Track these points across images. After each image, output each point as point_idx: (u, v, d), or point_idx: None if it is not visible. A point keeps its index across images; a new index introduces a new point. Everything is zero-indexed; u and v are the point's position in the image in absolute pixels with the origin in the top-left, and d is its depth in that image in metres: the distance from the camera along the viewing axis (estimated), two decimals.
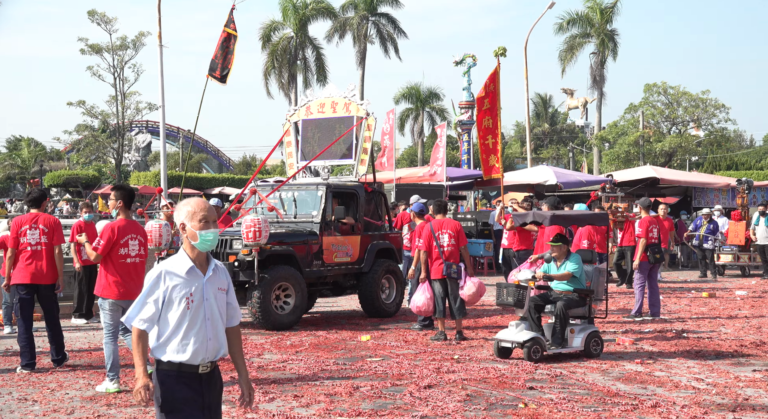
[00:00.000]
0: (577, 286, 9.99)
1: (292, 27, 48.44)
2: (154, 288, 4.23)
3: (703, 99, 50.88)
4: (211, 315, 4.31)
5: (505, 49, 15.99)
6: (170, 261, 4.30)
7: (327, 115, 14.37)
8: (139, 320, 4.24)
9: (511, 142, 76.13)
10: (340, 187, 13.33)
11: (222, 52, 16.62)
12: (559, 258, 10.14)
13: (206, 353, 4.28)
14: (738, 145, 69.36)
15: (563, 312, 9.73)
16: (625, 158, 49.57)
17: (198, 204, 4.34)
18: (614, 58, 50.01)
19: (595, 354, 9.72)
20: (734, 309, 14.62)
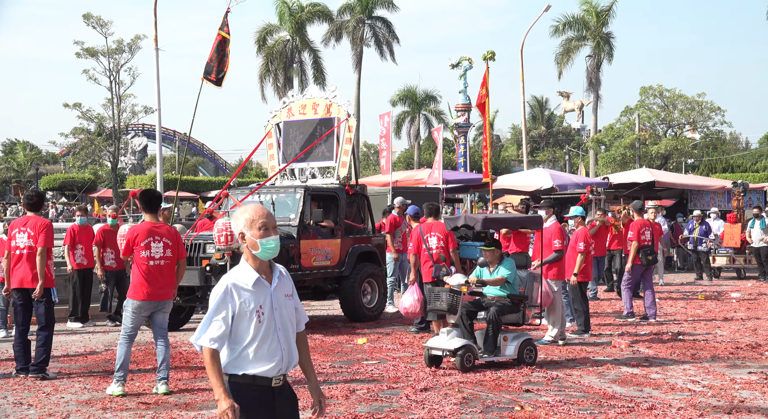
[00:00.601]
0: (511, 292, 9.68)
1: (288, 30, 48.46)
2: (222, 305, 4.00)
3: (699, 101, 50.97)
4: (282, 326, 4.10)
5: (494, 53, 16.00)
6: (235, 274, 4.08)
7: (308, 116, 14.19)
8: (207, 339, 4.00)
9: (508, 145, 76.25)
10: (320, 189, 13.14)
11: (217, 55, 16.60)
12: (493, 262, 9.79)
13: (280, 365, 4.07)
14: (734, 148, 69.45)
15: (496, 318, 9.40)
16: (621, 161, 49.63)
17: (256, 210, 4.12)
18: (610, 61, 50.15)
19: (528, 362, 9.35)
20: (730, 311, 14.64)
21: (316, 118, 14.09)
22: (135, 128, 64.65)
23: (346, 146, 13.65)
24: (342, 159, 13.66)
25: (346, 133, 13.66)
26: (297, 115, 14.32)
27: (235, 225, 4.14)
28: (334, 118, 13.84)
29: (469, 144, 39.43)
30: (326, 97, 14.11)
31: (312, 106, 14.19)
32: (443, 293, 9.43)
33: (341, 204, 13.17)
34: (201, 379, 8.81)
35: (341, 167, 13.68)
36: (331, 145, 13.82)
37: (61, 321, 13.02)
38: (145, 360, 9.84)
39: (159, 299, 8.17)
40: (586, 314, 11.78)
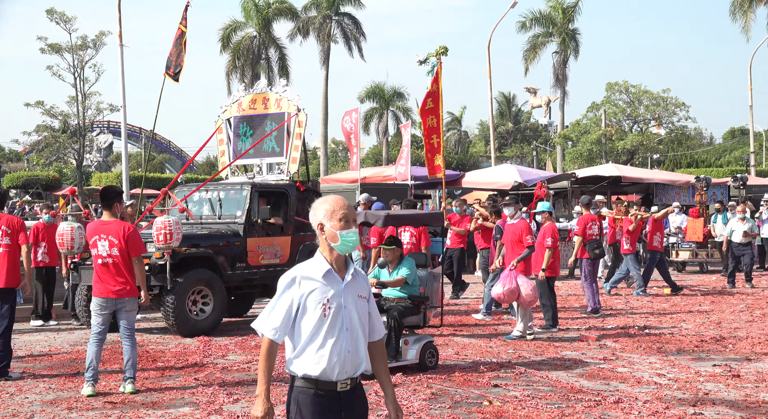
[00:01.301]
0: (411, 293, 9.24)
1: (255, 26, 48.21)
2: (287, 293, 3.82)
3: (664, 97, 51.52)
4: (350, 325, 3.85)
5: (447, 48, 15.88)
6: (306, 265, 3.91)
7: (258, 111, 13.92)
8: (269, 328, 3.80)
9: (476, 141, 76.50)
10: (268, 186, 12.92)
11: (176, 49, 16.44)
12: (393, 262, 9.32)
13: (345, 367, 3.80)
14: (698, 143, 70.34)
15: (397, 321, 8.90)
16: (587, 156, 50.04)
17: (337, 201, 3.93)
18: (576, 57, 50.48)
19: (430, 367, 8.95)
20: (695, 305, 14.81)
21: (266, 113, 13.84)
22: (100, 125, 63.94)
23: (296, 142, 13.36)
24: (292, 154, 13.39)
25: (296, 128, 13.38)
26: (247, 110, 14.05)
27: (313, 216, 3.95)
28: (284, 112, 13.58)
29: None
30: (276, 92, 13.87)
31: (262, 100, 13.95)
32: None
33: (291, 200, 12.91)
34: (168, 378, 8.73)
35: (291, 163, 13.41)
36: (281, 140, 13.58)
37: (24, 321, 12.85)
38: (111, 359, 9.74)
39: (114, 297, 8.01)
40: (553, 309, 11.86)
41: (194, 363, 9.51)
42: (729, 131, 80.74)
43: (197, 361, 9.64)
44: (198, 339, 11.18)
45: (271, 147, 13.70)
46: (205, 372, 8.98)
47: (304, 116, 13.38)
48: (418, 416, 7.03)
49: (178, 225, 10.86)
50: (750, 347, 10.39)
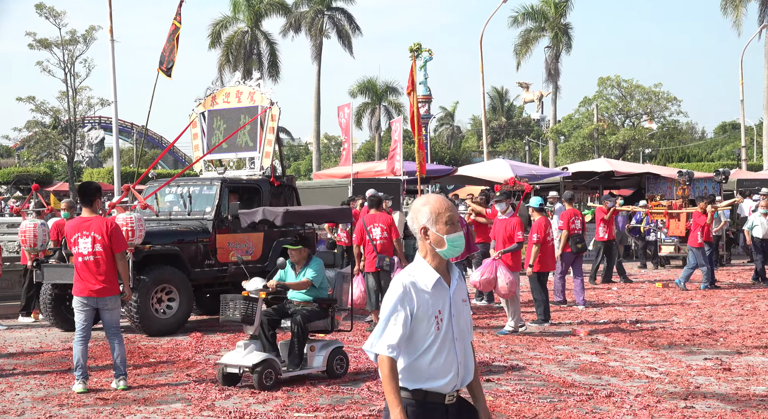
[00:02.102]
0: (318, 296, 8.63)
1: (247, 22, 48.09)
2: (400, 307, 3.54)
3: (656, 92, 51.53)
4: (459, 335, 3.66)
5: (420, 45, 15.88)
6: (413, 274, 3.62)
7: (232, 104, 13.68)
8: (385, 346, 3.53)
9: (468, 136, 76.53)
10: (239, 181, 12.71)
11: (169, 44, 16.38)
12: (299, 263, 8.67)
13: (456, 380, 3.63)
14: (690, 138, 70.48)
15: (301, 326, 8.33)
16: (580, 151, 50.05)
17: (441, 202, 3.66)
18: (568, 52, 50.54)
19: (338, 374, 8.41)
20: (686, 299, 14.85)
21: (240, 107, 13.62)
22: (91, 121, 63.73)
23: (269, 136, 13.09)
24: (265, 149, 13.14)
25: (270, 121, 13.13)
26: (221, 103, 13.83)
27: (414, 219, 3.67)
28: (257, 106, 13.31)
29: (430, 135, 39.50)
30: (249, 85, 13.68)
31: (236, 94, 13.72)
32: (236, 301, 8.20)
33: (264, 196, 12.66)
34: (160, 374, 8.71)
35: (264, 157, 13.16)
36: (254, 134, 13.33)
37: (14, 317, 12.81)
38: (103, 355, 9.71)
39: (96, 295, 7.92)
40: (545, 303, 11.89)
41: (186, 359, 9.49)
42: (720, 125, 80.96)
43: (189, 357, 9.63)
44: (190, 335, 11.15)
45: (245, 141, 13.47)
46: (197, 369, 8.96)
47: (278, 110, 13.15)
48: None
49: (141, 222, 10.60)
50: (741, 341, 10.42)
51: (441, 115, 73.30)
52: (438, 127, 74.31)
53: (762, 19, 41.20)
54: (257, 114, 13.27)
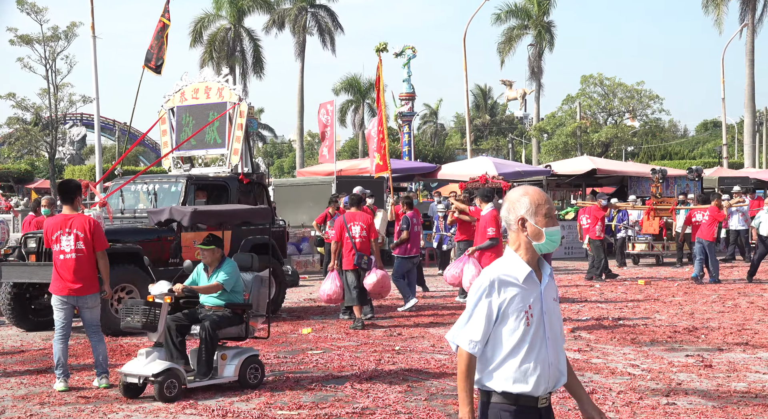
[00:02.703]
0: (231, 300, 8.10)
1: (229, 18, 47.93)
2: (484, 300, 3.39)
3: (638, 90, 51.88)
4: (552, 334, 3.48)
5: (386, 44, 15.82)
6: (502, 267, 3.47)
7: (201, 100, 13.45)
8: (467, 340, 3.39)
9: (452, 134, 76.66)
10: (205, 178, 12.54)
11: (157, 41, 16.28)
12: (212, 265, 8.14)
13: (548, 382, 3.45)
14: (672, 135, 70.92)
15: (210, 333, 7.78)
16: (563, 149, 50.29)
17: (539, 194, 3.51)
18: (551, 50, 50.71)
19: (252, 384, 7.87)
20: (668, 296, 14.94)
21: (208, 103, 13.41)
22: (73, 118, 63.33)
23: (237, 132, 12.94)
24: (234, 146, 12.95)
25: (238, 118, 12.95)
26: (190, 99, 13.63)
27: (511, 210, 3.52)
28: (225, 102, 13.13)
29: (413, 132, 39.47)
30: (218, 81, 13.46)
31: (204, 89, 13.50)
32: (138, 306, 7.63)
33: (232, 193, 12.48)
34: None
35: (233, 155, 12.96)
36: (223, 131, 13.15)
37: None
38: (84, 353, 9.65)
39: (76, 294, 7.87)
40: None
41: None
42: (702, 123, 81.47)
43: None
44: None
45: (213, 138, 13.28)
46: None
47: (246, 106, 12.99)
48: (394, 408, 7.03)
49: (99, 220, 10.29)
50: (722, 337, 10.50)
51: (425, 112, 73.35)
52: (422, 124, 74.38)
53: (743, 17, 41.51)
54: (225, 110, 13.07)
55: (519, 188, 3.58)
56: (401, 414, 6.87)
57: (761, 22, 41.89)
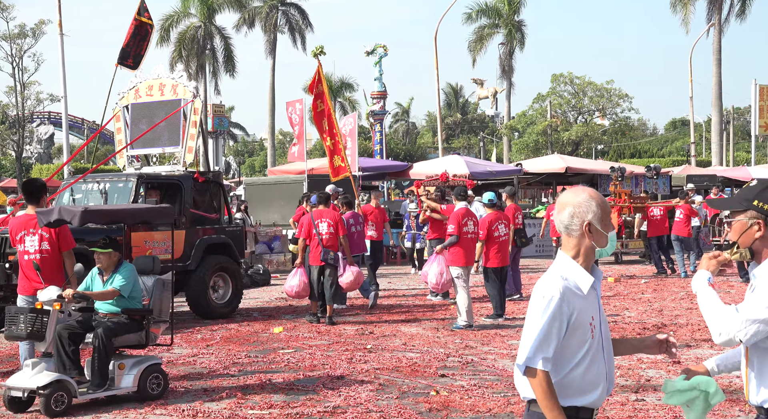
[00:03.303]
0: (128, 306, 7.59)
1: (199, 16, 47.62)
2: (557, 314, 3.20)
3: (608, 89, 52.28)
4: (606, 342, 3.37)
5: (323, 47, 15.70)
6: (567, 276, 3.28)
7: (155, 98, 13.19)
8: (542, 360, 3.19)
9: (423, 132, 76.74)
10: (157, 177, 12.32)
11: (134, 40, 16.11)
12: (108, 269, 7.63)
13: (605, 393, 3.35)
14: (641, 134, 71.52)
15: (103, 341, 7.26)
16: (534, 147, 50.56)
17: (602, 198, 3.36)
18: (522, 49, 51.01)
19: (153, 395, 7.41)
20: (637, 293, 15.08)
21: (162, 100, 13.18)
22: (41, 116, 62.62)
23: (191, 130, 12.67)
24: (188, 144, 12.68)
25: (192, 115, 12.68)
26: (144, 96, 13.38)
27: (575, 214, 3.32)
28: (179, 99, 12.87)
29: (385, 131, 39.52)
30: (172, 77, 13.25)
31: (159, 86, 13.26)
32: (23, 314, 7.14)
33: (186, 192, 12.26)
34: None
35: (187, 153, 12.72)
36: (177, 128, 12.89)
37: None
38: None
39: (24, 294, 7.77)
40: (498, 298, 11.97)
41: None
42: (671, 122, 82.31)
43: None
44: None
45: (168, 136, 13.04)
46: None
47: (200, 103, 12.79)
48: (366, 407, 7.03)
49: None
50: (690, 334, 10.61)
51: (396, 111, 73.40)
52: (393, 123, 74.41)
53: (710, 17, 41.98)
54: (179, 107, 12.85)
55: (578, 190, 3.39)
56: (373, 412, 6.87)
57: (728, 22, 42.45)
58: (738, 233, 3.48)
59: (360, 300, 14.29)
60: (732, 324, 3.31)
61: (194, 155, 12.86)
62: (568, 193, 3.40)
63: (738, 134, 66.51)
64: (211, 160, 48.47)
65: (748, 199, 3.46)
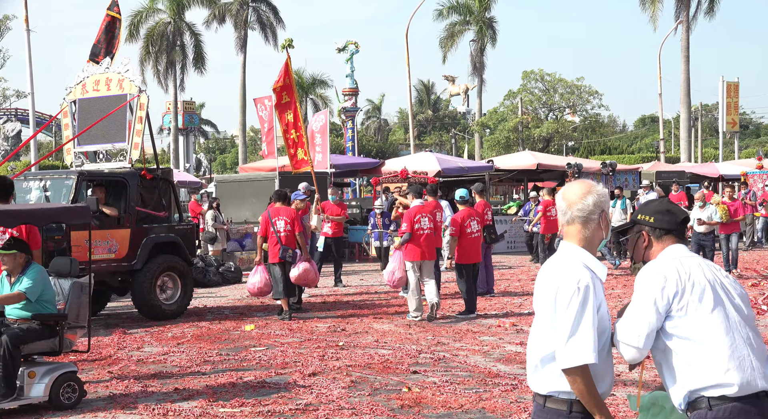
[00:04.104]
0: (38, 310, 7.17)
1: (169, 12, 47.21)
2: (591, 307, 3.22)
3: (578, 86, 52.54)
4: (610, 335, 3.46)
5: (292, 40, 15.68)
6: (589, 265, 3.32)
7: (102, 93, 12.87)
8: (589, 355, 3.19)
9: (395, 129, 76.79)
10: (99, 174, 12.01)
11: (105, 36, 15.91)
12: (14, 271, 7.19)
13: (612, 384, 3.45)
14: (611, 131, 72.10)
15: (9, 349, 6.85)
16: (505, 144, 50.71)
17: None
18: (493, 46, 51.05)
19: (67, 405, 7.05)
20: (608, 289, 15.19)
21: (109, 95, 12.87)
22: (7, 113, 61.85)
23: (138, 126, 12.33)
24: (134, 140, 12.34)
25: (138, 110, 12.33)
26: (91, 91, 13.08)
27: (597, 203, 3.38)
28: (125, 94, 12.53)
29: (357, 128, 39.50)
30: (118, 72, 12.92)
31: (105, 81, 12.98)
32: None
33: (131, 190, 11.95)
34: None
35: (133, 149, 12.35)
36: (123, 124, 12.61)
37: None
38: None
39: None
40: (469, 295, 12.01)
41: (108, 356, 9.30)
42: (640, 119, 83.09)
43: (112, 354, 9.43)
44: (113, 332, 10.93)
45: (114, 132, 12.74)
46: (119, 365, 8.78)
47: (146, 98, 12.45)
48: (338, 404, 7.02)
49: None
50: None
51: (368, 107, 73.39)
52: (365, 119, 74.41)
53: (678, 14, 42.34)
54: (125, 102, 12.54)
55: (589, 181, 3.51)
56: (345, 409, 6.86)
57: (695, 20, 42.82)
58: (632, 248, 3.61)
59: (333, 297, 14.28)
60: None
61: (141, 151, 12.47)
62: (583, 183, 3.46)
63: (706, 131, 67.26)
64: (182, 157, 48.16)
65: (634, 216, 3.62)
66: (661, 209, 3.54)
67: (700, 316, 3.28)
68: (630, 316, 3.35)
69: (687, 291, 3.30)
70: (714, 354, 3.25)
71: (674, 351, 3.33)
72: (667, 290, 3.30)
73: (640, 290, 3.36)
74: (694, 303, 3.29)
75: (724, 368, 3.23)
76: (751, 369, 3.25)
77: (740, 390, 3.22)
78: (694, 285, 3.32)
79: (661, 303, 3.30)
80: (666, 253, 3.47)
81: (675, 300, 3.30)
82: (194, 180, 34.05)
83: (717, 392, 3.24)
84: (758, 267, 18.23)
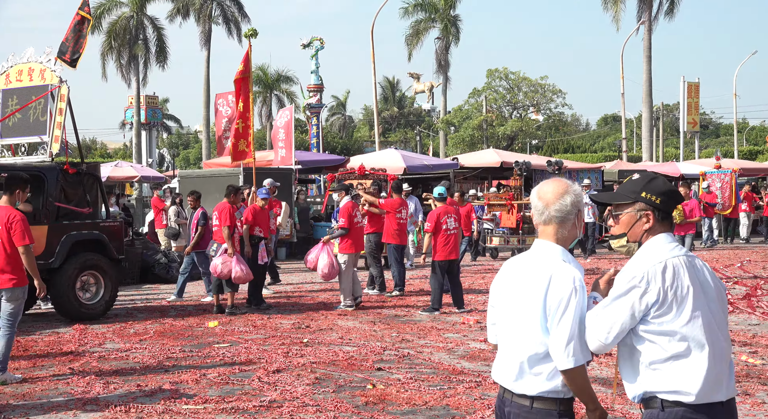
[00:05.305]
0: None
1: (131, 6, 46.66)
2: (579, 305, 3.28)
3: (542, 84, 52.92)
4: None
5: (255, 30, 15.73)
6: (576, 265, 3.35)
7: (24, 83, 12.51)
8: (590, 349, 3.32)
9: (360, 126, 76.77)
10: (11, 168, 11.31)
11: (74, 35, 15.68)
12: None
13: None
14: (575, 129, 72.71)
15: None
16: (470, 142, 50.92)
17: None
18: (457, 44, 51.25)
19: None
20: None
21: (30, 86, 12.40)
22: None
23: (58, 118, 11.93)
24: (54, 133, 11.91)
25: (59, 102, 11.96)
26: (14, 82, 12.75)
27: (575, 202, 3.40)
28: (47, 84, 12.15)
29: (322, 124, 39.39)
30: (40, 62, 12.45)
31: (28, 71, 12.63)
32: None
33: (50, 185, 11.47)
34: (41, 368, 8.39)
35: (54, 142, 11.92)
36: (45, 116, 12.22)
37: None
38: None
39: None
40: (437, 292, 12.05)
41: (69, 352, 9.18)
42: (603, 118, 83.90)
43: (72, 350, 9.31)
44: (74, 328, 10.80)
45: (36, 124, 12.35)
46: (80, 362, 8.68)
47: (67, 89, 12.09)
48: (302, 401, 7.00)
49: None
50: None
51: (333, 104, 73.20)
52: (330, 116, 74.25)
53: (640, 15, 42.80)
54: (44, 93, 12.19)
55: (565, 180, 3.46)
56: (309, 406, 6.84)
57: (657, 20, 43.31)
58: (627, 226, 3.40)
59: (297, 294, 14.23)
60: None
61: (62, 145, 12.04)
62: (560, 181, 3.43)
63: (667, 130, 68.10)
64: (144, 152, 47.61)
65: (636, 191, 3.37)
66: (666, 190, 3.37)
67: (677, 326, 3.21)
68: (604, 312, 3.26)
69: (668, 299, 3.20)
70: (686, 366, 3.20)
71: (642, 352, 3.27)
72: (647, 297, 3.20)
73: (621, 289, 3.24)
74: (672, 313, 3.21)
75: (692, 381, 3.18)
76: (718, 383, 3.22)
77: (697, 400, 3.19)
78: (677, 291, 3.21)
79: (638, 308, 3.21)
80: (656, 245, 3.32)
81: (653, 308, 3.21)
82: (158, 175, 33.73)
83: (673, 397, 3.21)
84: (717, 265, 18.50)
